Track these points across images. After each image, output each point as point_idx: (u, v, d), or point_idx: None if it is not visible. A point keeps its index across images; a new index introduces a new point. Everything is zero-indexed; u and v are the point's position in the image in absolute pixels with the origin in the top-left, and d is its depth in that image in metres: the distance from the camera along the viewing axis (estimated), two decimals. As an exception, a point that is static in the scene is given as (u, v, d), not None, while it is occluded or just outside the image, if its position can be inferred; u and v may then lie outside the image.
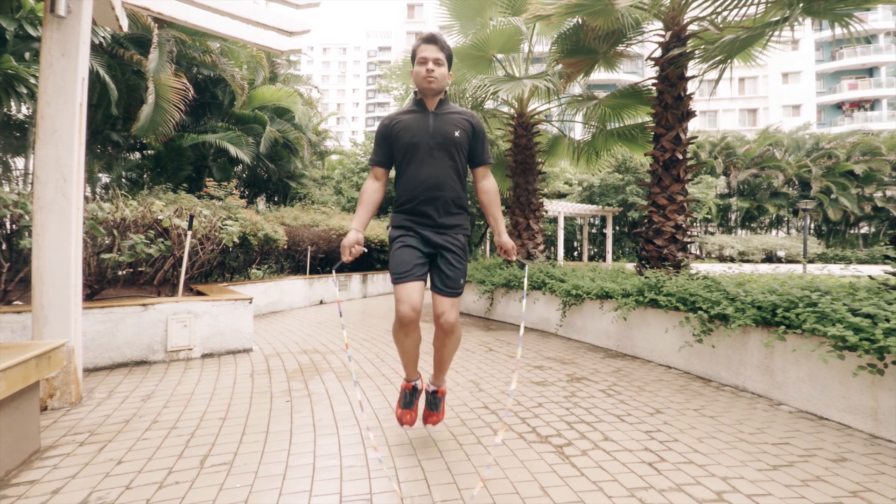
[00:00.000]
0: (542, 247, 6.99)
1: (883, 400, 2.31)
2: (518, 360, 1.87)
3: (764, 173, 22.39)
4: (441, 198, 1.97)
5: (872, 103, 33.62)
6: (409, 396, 2.15)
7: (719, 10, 4.63)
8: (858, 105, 34.04)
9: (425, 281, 1.99)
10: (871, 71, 33.70)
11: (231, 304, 4.10)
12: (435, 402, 2.17)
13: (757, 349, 2.99)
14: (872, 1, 3.95)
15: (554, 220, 17.44)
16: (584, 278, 4.89)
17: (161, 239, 4.30)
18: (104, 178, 9.22)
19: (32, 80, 5.13)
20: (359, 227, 1.97)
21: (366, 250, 2.05)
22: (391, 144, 2.03)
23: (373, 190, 2.07)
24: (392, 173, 2.11)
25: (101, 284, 3.99)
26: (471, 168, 2.13)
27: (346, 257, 1.92)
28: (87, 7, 2.79)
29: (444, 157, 1.97)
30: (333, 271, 2.03)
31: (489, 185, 2.13)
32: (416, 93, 2.07)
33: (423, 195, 1.96)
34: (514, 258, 2.12)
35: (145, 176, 9.47)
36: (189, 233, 4.19)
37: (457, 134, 1.98)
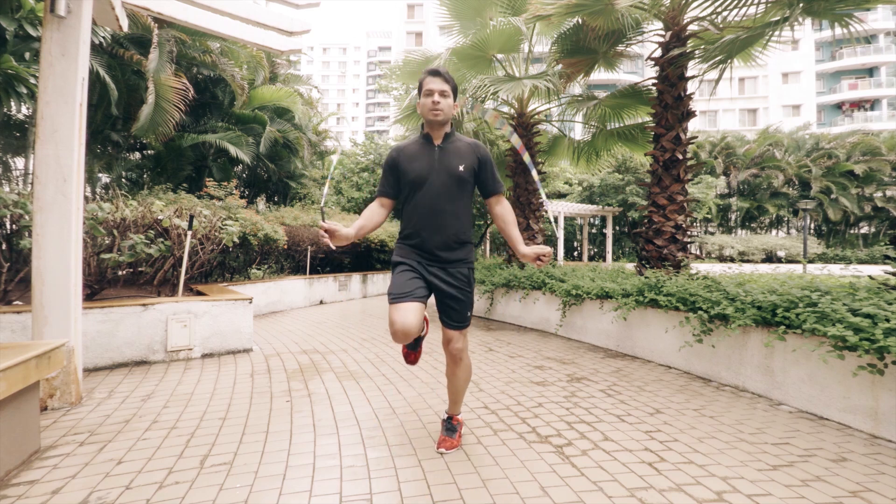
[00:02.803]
0: (542, 247, 6.98)
1: (883, 400, 2.31)
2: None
3: (764, 173, 22.38)
4: (443, 232, 1.97)
5: (872, 103, 33.60)
6: (411, 344, 2.14)
7: (719, 10, 4.63)
8: (858, 105, 34.02)
9: (425, 302, 1.97)
10: (871, 71, 33.68)
11: (231, 304, 4.10)
12: (451, 427, 2.20)
13: (757, 349, 2.99)
14: (872, 1, 3.95)
15: (554, 220, 17.44)
16: (584, 278, 4.90)
17: (161, 239, 4.30)
18: (104, 178, 9.21)
19: (32, 80, 5.12)
20: (352, 228, 1.94)
21: (356, 241, 2.06)
22: (398, 177, 2.04)
23: (376, 212, 2.06)
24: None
25: (101, 284, 3.99)
26: (483, 198, 2.13)
27: (324, 238, 1.82)
28: (87, 7, 2.79)
29: (447, 190, 1.97)
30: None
31: (503, 211, 2.12)
32: (423, 125, 2.07)
33: (425, 229, 1.97)
34: (548, 261, 1.97)
35: (145, 176, 9.46)
36: (189, 233, 4.19)
37: (461, 168, 1.98)
